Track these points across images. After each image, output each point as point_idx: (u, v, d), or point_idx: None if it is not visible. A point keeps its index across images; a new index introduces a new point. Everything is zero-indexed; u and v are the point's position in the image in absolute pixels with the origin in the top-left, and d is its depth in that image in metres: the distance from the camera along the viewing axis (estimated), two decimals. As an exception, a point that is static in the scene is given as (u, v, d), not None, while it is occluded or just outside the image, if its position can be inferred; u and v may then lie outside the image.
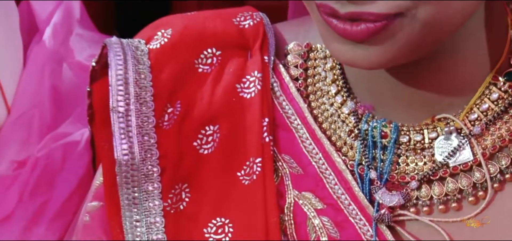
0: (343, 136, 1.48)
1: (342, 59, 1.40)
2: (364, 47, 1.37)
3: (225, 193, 1.47)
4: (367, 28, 1.35)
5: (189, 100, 1.51)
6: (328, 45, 1.40)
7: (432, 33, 1.37)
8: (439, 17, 1.36)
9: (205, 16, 1.60)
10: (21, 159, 1.78)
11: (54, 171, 1.74)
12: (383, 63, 1.39)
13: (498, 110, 1.44)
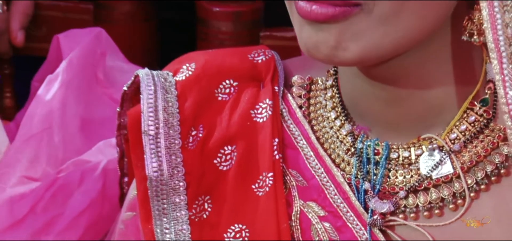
0: (342, 154, 1.50)
1: (309, 43, 1.40)
2: (325, 31, 1.39)
3: (241, 203, 1.50)
4: (327, 11, 1.37)
5: (210, 124, 1.54)
6: (299, 34, 1.42)
7: (390, 34, 1.39)
8: (394, 19, 1.38)
9: (224, 52, 1.64)
10: (30, 176, 1.79)
11: (70, 191, 1.72)
12: (346, 58, 1.41)
13: (475, 130, 1.46)
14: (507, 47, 1.39)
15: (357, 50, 1.40)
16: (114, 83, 1.97)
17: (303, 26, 1.42)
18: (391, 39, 1.40)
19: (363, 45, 1.40)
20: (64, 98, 1.84)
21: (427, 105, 1.48)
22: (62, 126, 1.83)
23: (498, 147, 1.47)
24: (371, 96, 1.50)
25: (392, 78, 1.47)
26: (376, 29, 1.39)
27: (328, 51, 1.41)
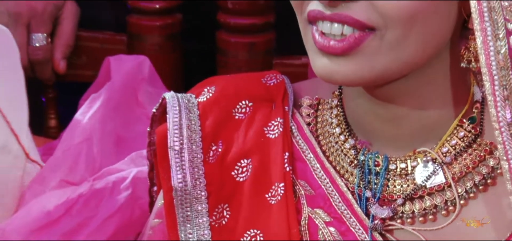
0: (345, 166, 1.50)
1: (323, 72, 1.40)
2: (340, 63, 1.38)
3: (256, 210, 1.49)
4: (343, 45, 1.37)
5: (228, 140, 1.53)
6: (314, 62, 1.41)
7: (398, 58, 1.39)
8: (403, 44, 1.37)
9: (240, 77, 1.63)
10: (69, 180, 1.78)
11: (103, 196, 1.71)
12: (356, 81, 1.41)
13: (464, 145, 1.46)
14: (499, 71, 1.38)
15: (368, 75, 1.40)
16: (153, 105, 1.96)
17: (318, 55, 1.41)
18: (399, 63, 1.40)
19: (374, 69, 1.40)
20: (104, 115, 1.83)
21: (422, 123, 1.47)
22: (100, 139, 1.82)
23: (485, 159, 1.46)
24: (372, 114, 1.48)
25: (392, 99, 1.46)
26: (387, 54, 1.38)
27: (341, 79, 1.40)
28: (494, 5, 1.37)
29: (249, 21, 2.01)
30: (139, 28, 2.07)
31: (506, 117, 1.37)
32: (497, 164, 1.45)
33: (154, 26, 2.07)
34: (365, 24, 1.37)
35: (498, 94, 1.37)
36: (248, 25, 2.02)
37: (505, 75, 1.38)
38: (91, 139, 1.81)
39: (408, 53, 1.39)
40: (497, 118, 1.37)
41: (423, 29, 1.38)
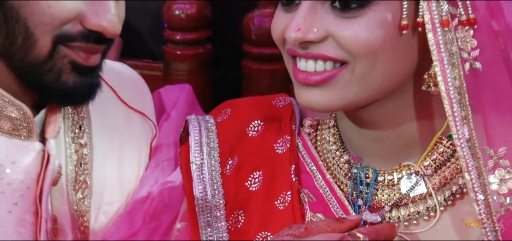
0: (341, 178, 1.51)
1: (302, 101, 1.42)
2: (316, 93, 1.40)
3: (267, 215, 1.51)
4: (316, 78, 1.39)
5: (243, 155, 1.56)
6: (296, 91, 1.43)
7: (367, 87, 1.40)
8: (370, 75, 1.38)
9: (253, 100, 1.66)
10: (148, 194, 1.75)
11: (163, 205, 1.68)
12: (332, 107, 1.43)
13: (443, 159, 1.47)
14: (456, 95, 1.38)
15: (341, 103, 1.42)
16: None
17: (298, 86, 1.43)
18: (368, 92, 1.41)
19: (346, 98, 1.41)
20: (174, 138, 1.79)
21: (404, 141, 1.48)
22: (171, 160, 1.80)
23: (461, 172, 1.46)
24: (358, 134, 1.50)
25: (374, 122, 1.48)
26: (357, 85, 1.40)
27: (317, 106, 1.43)
28: (449, 37, 1.38)
29: (270, 51, 2.00)
30: (174, 57, 2.07)
31: (464, 134, 1.38)
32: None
33: (187, 55, 2.07)
34: (335, 59, 1.39)
35: (456, 114, 1.38)
36: (269, 55, 2.01)
37: (462, 98, 1.38)
38: (170, 159, 1.80)
39: (375, 82, 1.40)
40: (458, 136, 1.38)
41: (386, 62, 1.39)
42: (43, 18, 1.47)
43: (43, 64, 1.50)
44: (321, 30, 1.38)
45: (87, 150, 1.66)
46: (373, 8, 1.36)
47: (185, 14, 2.04)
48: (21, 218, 1.56)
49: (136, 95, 1.77)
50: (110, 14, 1.49)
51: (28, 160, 1.57)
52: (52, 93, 1.55)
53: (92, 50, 1.52)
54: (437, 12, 1.37)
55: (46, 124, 1.60)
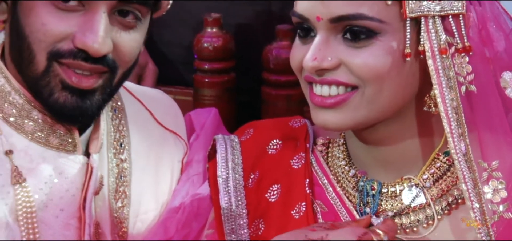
0: (350, 190, 1.52)
1: (320, 121, 1.43)
2: (330, 114, 1.41)
3: (284, 223, 1.51)
4: (331, 101, 1.41)
5: (263, 170, 1.57)
6: (312, 113, 1.44)
7: (375, 109, 1.41)
8: (378, 98, 1.40)
9: (272, 121, 1.68)
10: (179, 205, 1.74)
11: (194, 214, 1.67)
12: (344, 127, 1.43)
13: (440, 173, 1.47)
14: (453, 114, 1.40)
15: (352, 123, 1.44)
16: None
17: (315, 109, 1.45)
18: (375, 112, 1.43)
19: (356, 118, 1.43)
20: (203, 155, 1.77)
21: (406, 157, 1.49)
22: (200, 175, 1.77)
23: (456, 184, 1.48)
24: (366, 151, 1.51)
25: (379, 140, 1.49)
26: (366, 107, 1.42)
27: (332, 126, 1.44)
28: (447, 63, 1.39)
29: (286, 78, 1.99)
30: (202, 84, 2.06)
31: (462, 149, 1.40)
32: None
33: (214, 82, 2.06)
34: (347, 84, 1.41)
35: (454, 132, 1.39)
36: (286, 81, 1.99)
37: (459, 117, 1.40)
38: (199, 174, 1.77)
39: (383, 104, 1.42)
40: (455, 150, 1.39)
41: (392, 85, 1.40)
42: (38, 35, 1.47)
43: (41, 79, 1.50)
44: (334, 58, 1.39)
45: (127, 165, 1.67)
46: (380, 39, 1.39)
47: (213, 46, 2.04)
48: (66, 222, 1.57)
49: (170, 117, 1.77)
50: (95, 35, 1.46)
51: (73, 171, 1.58)
52: (48, 108, 1.53)
53: (81, 68, 1.49)
54: (436, 41, 1.39)
55: (90, 141, 1.62)
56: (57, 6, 1.47)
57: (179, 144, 1.77)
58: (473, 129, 1.42)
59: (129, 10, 1.51)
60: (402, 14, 1.39)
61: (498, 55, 1.43)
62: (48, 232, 1.54)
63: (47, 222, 1.55)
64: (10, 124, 1.54)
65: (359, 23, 1.38)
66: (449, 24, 1.40)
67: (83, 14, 1.48)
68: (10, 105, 1.54)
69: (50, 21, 1.47)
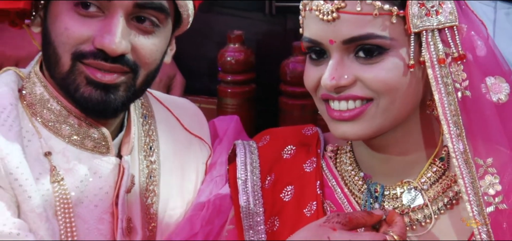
0: (356, 192, 1.53)
1: (339, 132, 1.43)
2: (349, 126, 1.42)
3: (297, 220, 1.51)
4: (349, 115, 1.41)
5: (278, 172, 1.57)
6: (331, 127, 1.44)
7: (389, 117, 1.42)
8: (392, 106, 1.40)
9: (287, 129, 1.67)
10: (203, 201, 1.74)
11: (216, 212, 1.67)
12: (363, 136, 1.43)
13: (436, 176, 1.49)
14: (452, 117, 1.41)
15: (368, 132, 1.44)
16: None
17: (333, 122, 1.45)
18: (389, 120, 1.44)
19: (372, 127, 1.43)
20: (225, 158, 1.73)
21: (406, 162, 1.50)
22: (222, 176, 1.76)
23: (451, 187, 1.49)
24: (371, 157, 1.52)
25: (384, 146, 1.50)
26: (381, 117, 1.43)
27: (351, 136, 1.45)
28: (444, 71, 1.40)
29: (301, 90, 1.93)
30: (225, 94, 2.05)
31: (460, 148, 1.41)
32: (459, 190, 1.46)
33: (236, 93, 2.05)
34: (363, 97, 1.41)
35: (452, 132, 1.40)
36: (301, 92, 1.96)
37: (456, 120, 1.40)
38: (222, 176, 1.76)
39: (395, 113, 1.43)
40: (454, 149, 1.40)
41: (403, 96, 1.41)
42: (62, 38, 1.49)
43: (67, 78, 1.51)
44: (350, 76, 1.40)
45: (156, 166, 1.68)
46: (389, 54, 1.39)
47: (235, 60, 2.03)
48: (100, 217, 1.58)
49: (196, 124, 1.77)
50: (112, 36, 1.47)
51: (106, 171, 1.59)
52: (76, 102, 1.54)
53: (101, 67, 1.50)
54: (435, 52, 1.40)
55: (122, 144, 1.63)
56: (78, 13, 1.49)
57: (204, 148, 1.77)
58: (469, 129, 1.42)
59: (145, 17, 1.52)
60: (406, 30, 1.39)
61: (480, 61, 1.44)
62: (84, 226, 1.56)
63: (83, 216, 1.56)
64: (49, 128, 1.56)
65: (370, 42, 1.38)
66: (445, 35, 1.41)
67: (102, 19, 1.50)
68: (49, 111, 1.56)
69: (73, 25, 1.49)
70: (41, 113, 1.56)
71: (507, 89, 1.43)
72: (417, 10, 1.38)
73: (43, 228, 1.48)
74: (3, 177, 1.47)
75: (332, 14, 1.37)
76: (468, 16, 1.45)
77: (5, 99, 1.52)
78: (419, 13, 1.39)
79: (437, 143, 1.50)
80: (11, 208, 1.47)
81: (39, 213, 1.49)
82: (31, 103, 1.56)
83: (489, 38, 1.47)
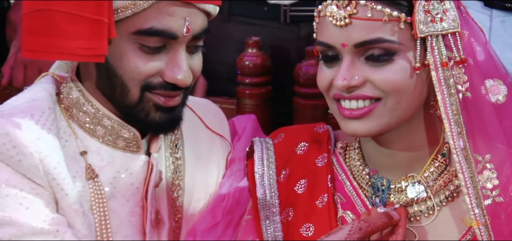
0: (364, 185, 1.53)
1: (350, 129, 1.43)
2: (359, 124, 1.42)
3: (309, 211, 1.52)
4: (358, 113, 1.41)
5: (293, 167, 1.57)
6: (342, 124, 1.45)
7: (396, 115, 1.42)
8: (398, 106, 1.41)
9: (300, 127, 1.68)
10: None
11: (236, 203, 1.67)
12: (371, 133, 1.44)
13: (439, 171, 1.49)
14: (453, 116, 1.42)
15: (377, 129, 1.45)
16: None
17: (344, 120, 1.46)
18: (396, 118, 1.44)
19: (380, 124, 1.44)
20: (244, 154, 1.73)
21: (410, 157, 1.50)
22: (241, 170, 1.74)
23: (452, 181, 1.49)
24: (377, 153, 1.52)
25: (389, 144, 1.50)
26: (388, 115, 1.43)
27: (360, 133, 1.46)
28: (447, 74, 1.41)
29: (313, 91, 1.93)
30: (244, 95, 2.04)
31: (460, 145, 1.41)
32: (459, 184, 1.45)
33: (254, 94, 2.03)
34: (372, 97, 1.42)
35: (454, 130, 1.41)
36: (313, 93, 1.95)
37: (457, 119, 1.41)
38: (241, 170, 1.74)
39: (401, 112, 1.43)
40: (454, 146, 1.41)
41: (409, 96, 1.42)
42: (133, 75, 1.51)
43: (136, 107, 1.53)
44: (360, 77, 1.40)
45: (181, 162, 1.68)
46: (397, 57, 1.40)
47: (253, 64, 2.02)
48: (132, 210, 1.59)
49: (217, 123, 1.78)
50: (182, 71, 1.51)
51: (136, 168, 1.59)
52: (145, 126, 1.57)
53: (170, 95, 1.54)
54: (439, 56, 1.40)
55: (150, 143, 1.63)
56: (144, 51, 1.51)
57: (225, 144, 1.77)
58: (469, 128, 1.42)
59: (198, 44, 1.57)
60: (413, 35, 1.40)
61: (479, 64, 1.44)
62: (117, 219, 1.57)
63: (116, 210, 1.57)
64: (84, 129, 1.57)
65: (379, 45, 1.39)
66: (448, 41, 1.41)
67: (166, 53, 1.52)
68: (84, 114, 1.57)
69: (142, 64, 1.50)
70: (77, 115, 1.57)
71: (505, 90, 1.44)
72: (423, 17, 1.39)
73: (80, 222, 1.50)
74: (42, 177, 1.48)
75: (345, 20, 1.38)
76: (468, 23, 1.46)
77: (44, 103, 1.54)
78: (425, 19, 1.39)
79: (439, 140, 1.50)
80: (50, 205, 1.49)
81: (75, 209, 1.50)
82: (68, 106, 1.58)
83: (488, 43, 1.47)
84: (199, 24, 1.52)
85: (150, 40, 1.49)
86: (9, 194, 1.46)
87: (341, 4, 1.38)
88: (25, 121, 1.48)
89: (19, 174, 1.47)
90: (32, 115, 1.50)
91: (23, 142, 1.46)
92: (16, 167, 1.47)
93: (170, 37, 1.50)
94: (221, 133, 1.77)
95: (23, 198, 1.46)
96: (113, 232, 1.55)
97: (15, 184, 1.46)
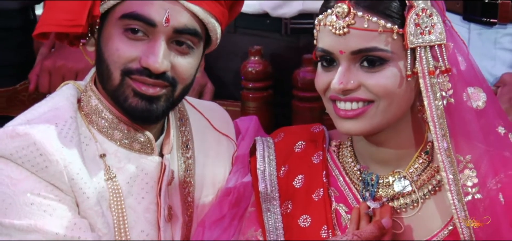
0: (355, 180, 1.53)
1: (344, 129, 1.43)
2: (354, 123, 1.43)
3: (306, 204, 1.53)
4: (352, 113, 1.42)
5: (291, 164, 1.57)
6: (337, 123, 1.45)
7: (387, 117, 1.43)
8: (389, 108, 1.42)
9: (298, 127, 1.68)
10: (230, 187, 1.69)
11: (241, 197, 1.66)
12: (363, 132, 1.44)
13: (422, 167, 1.49)
14: (438, 120, 1.42)
15: (369, 129, 1.45)
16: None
17: (339, 119, 1.46)
18: (386, 120, 1.45)
19: (372, 125, 1.44)
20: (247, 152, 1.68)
21: (397, 155, 1.51)
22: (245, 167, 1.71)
23: (434, 176, 1.49)
24: (368, 150, 1.53)
25: (379, 143, 1.50)
26: (380, 116, 1.44)
27: (353, 132, 1.46)
28: (433, 81, 1.41)
29: (310, 95, 1.95)
30: (247, 98, 2.03)
31: (444, 146, 1.42)
32: (441, 179, 1.47)
33: (256, 97, 2.03)
34: (365, 99, 1.43)
35: (438, 132, 1.41)
36: (310, 97, 1.96)
37: (442, 122, 1.42)
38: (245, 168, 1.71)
39: (392, 114, 1.44)
40: (439, 147, 1.42)
41: (399, 100, 1.43)
42: (114, 58, 1.50)
43: (117, 90, 1.52)
44: (355, 81, 1.40)
45: (191, 161, 1.68)
46: (389, 64, 1.41)
47: (255, 70, 2.01)
48: (147, 207, 1.58)
49: (223, 124, 1.77)
50: (156, 57, 1.48)
51: (151, 168, 1.59)
52: (125, 111, 1.54)
53: (146, 82, 1.50)
54: (426, 65, 1.41)
55: (163, 145, 1.63)
56: (127, 36, 1.51)
57: (230, 144, 1.77)
58: (452, 130, 1.42)
59: (183, 41, 1.53)
60: (404, 45, 1.41)
61: (462, 73, 1.44)
62: (133, 215, 1.56)
63: (132, 207, 1.57)
64: (103, 134, 1.57)
65: (374, 53, 1.39)
66: (435, 51, 1.41)
67: (147, 42, 1.51)
68: (103, 120, 1.57)
69: (123, 47, 1.50)
70: (96, 121, 1.57)
71: (484, 97, 1.44)
72: (414, 29, 1.40)
73: (100, 222, 1.50)
74: (66, 182, 1.48)
75: (343, 29, 1.39)
76: (453, 36, 1.46)
77: (66, 112, 1.53)
78: (415, 32, 1.40)
79: (424, 140, 1.50)
80: (72, 209, 1.48)
81: (96, 210, 1.50)
82: (87, 113, 1.57)
83: (469, 54, 1.47)
84: (182, 21, 1.50)
85: (132, 23, 1.48)
86: (34, 202, 1.45)
87: (340, 15, 1.39)
88: (50, 131, 1.48)
89: (44, 182, 1.47)
90: (56, 124, 1.50)
91: (49, 150, 1.46)
92: (42, 175, 1.46)
93: (149, 24, 1.49)
94: (227, 133, 1.76)
95: (47, 205, 1.45)
96: (130, 228, 1.54)
97: (39, 192, 1.46)
